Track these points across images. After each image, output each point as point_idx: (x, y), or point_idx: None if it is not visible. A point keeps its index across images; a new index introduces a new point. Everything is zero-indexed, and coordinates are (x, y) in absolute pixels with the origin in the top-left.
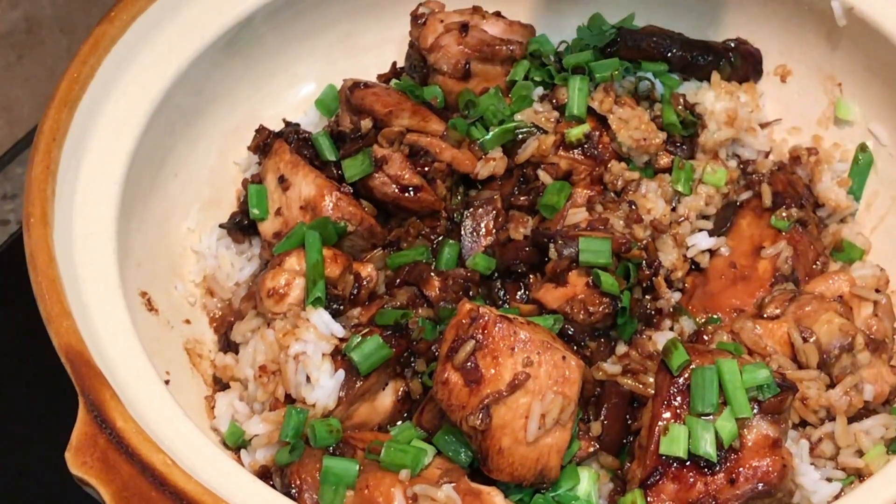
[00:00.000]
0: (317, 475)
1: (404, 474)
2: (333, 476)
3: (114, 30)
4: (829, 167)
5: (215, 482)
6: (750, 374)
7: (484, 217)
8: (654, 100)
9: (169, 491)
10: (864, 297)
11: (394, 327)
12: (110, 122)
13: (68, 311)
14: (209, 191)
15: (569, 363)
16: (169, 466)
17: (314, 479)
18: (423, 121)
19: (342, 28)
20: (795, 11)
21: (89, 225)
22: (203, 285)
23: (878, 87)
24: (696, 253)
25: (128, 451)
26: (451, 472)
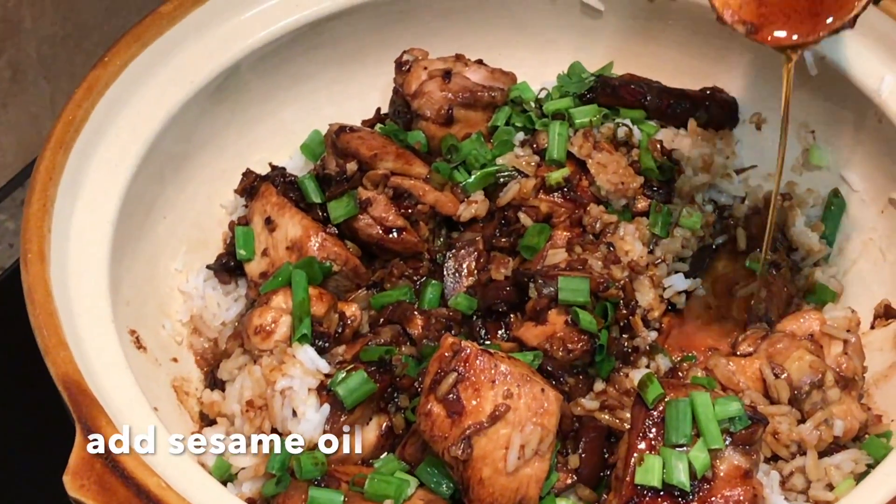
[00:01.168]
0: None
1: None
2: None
3: (107, 75)
4: (802, 212)
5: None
6: (722, 406)
7: (466, 258)
8: (632, 145)
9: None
10: (834, 336)
11: (378, 363)
12: (103, 163)
13: (65, 342)
14: (196, 233)
15: (548, 395)
16: (163, 489)
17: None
18: (407, 164)
19: (327, 75)
20: (769, 61)
21: (83, 262)
22: (190, 325)
23: (850, 134)
24: (672, 294)
25: (123, 475)
26: (433, 502)
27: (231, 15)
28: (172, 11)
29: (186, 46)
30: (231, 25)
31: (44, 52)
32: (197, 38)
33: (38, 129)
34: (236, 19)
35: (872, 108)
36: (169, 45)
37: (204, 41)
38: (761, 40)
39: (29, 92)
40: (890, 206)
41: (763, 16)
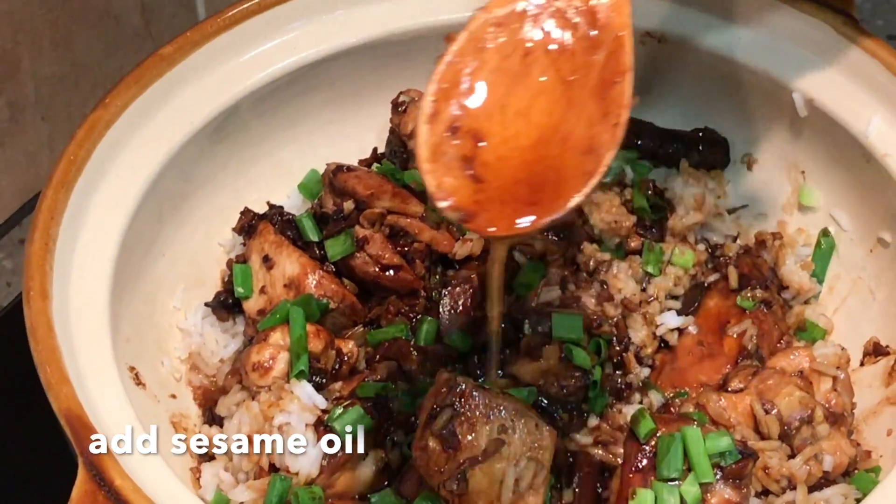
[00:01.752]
0: None
1: None
2: None
3: (108, 115)
4: (793, 251)
5: None
6: (713, 441)
7: (461, 296)
8: (625, 185)
9: None
10: (823, 373)
11: (374, 399)
12: (104, 203)
13: (67, 378)
14: (194, 271)
15: (542, 430)
16: None
17: None
18: (404, 203)
19: (324, 116)
20: (760, 103)
21: (84, 299)
22: (188, 361)
23: (839, 174)
24: (664, 331)
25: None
26: None
27: (229, 57)
28: (172, 53)
29: (186, 88)
30: (229, 67)
31: (42, 92)
32: (196, 79)
33: (35, 169)
34: (235, 61)
35: (860, 149)
36: (169, 86)
37: (203, 83)
38: (474, 229)
39: (27, 132)
40: (878, 245)
41: (479, 203)
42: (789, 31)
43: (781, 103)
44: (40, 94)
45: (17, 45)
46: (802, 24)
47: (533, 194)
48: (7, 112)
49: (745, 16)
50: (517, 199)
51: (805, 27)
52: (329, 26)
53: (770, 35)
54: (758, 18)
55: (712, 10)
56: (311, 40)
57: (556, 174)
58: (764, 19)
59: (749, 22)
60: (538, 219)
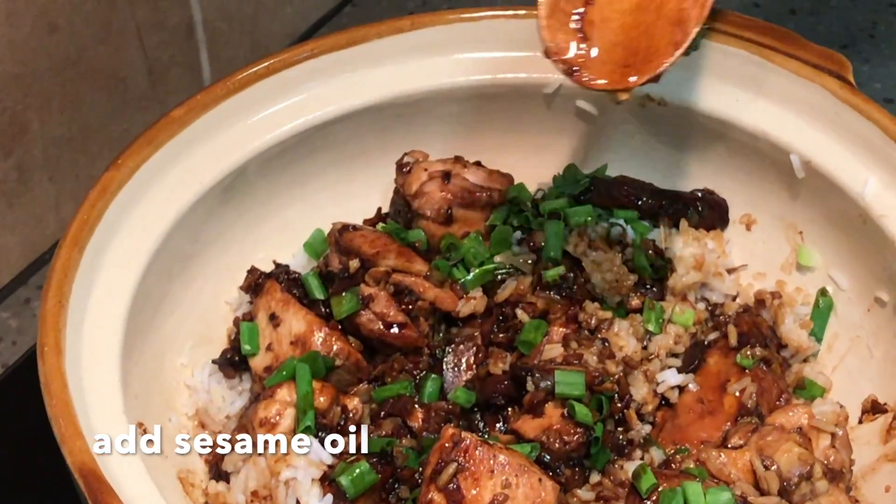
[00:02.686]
0: None
1: None
2: None
3: (120, 176)
4: (791, 310)
5: None
6: (713, 496)
7: (465, 353)
8: (625, 244)
9: None
10: (822, 430)
11: (379, 455)
12: (115, 261)
13: (80, 432)
14: (202, 328)
15: (545, 485)
16: None
17: None
18: (408, 262)
19: (330, 176)
20: (758, 164)
21: (96, 356)
22: (195, 418)
23: (836, 235)
24: (665, 389)
25: None
26: None
27: (238, 119)
28: (183, 116)
29: (196, 149)
30: (239, 129)
31: (50, 154)
32: (206, 140)
33: (41, 229)
34: (243, 123)
35: (857, 209)
36: (179, 147)
37: (212, 144)
38: (576, 82)
39: (34, 192)
40: (876, 304)
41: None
42: (787, 95)
43: (779, 165)
44: (48, 156)
45: (27, 108)
46: (800, 88)
47: (628, 57)
48: (15, 173)
49: (744, 79)
50: (614, 61)
51: (803, 90)
52: (335, 89)
53: (768, 98)
54: (756, 82)
55: (710, 74)
56: (318, 103)
57: (648, 41)
58: (762, 83)
59: (748, 85)
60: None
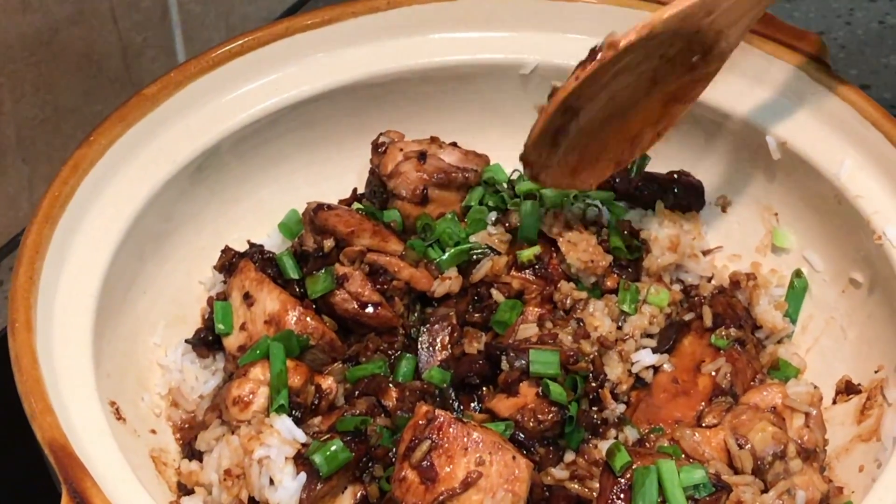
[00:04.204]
0: None
1: None
2: None
3: (92, 153)
4: (766, 292)
5: None
6: (687, 474)
7: (440, 333)
8: (601, 225)
9: None
10: (795, 409)
11: (353, 433)
12: (87, 239)
13: (51, 408)
14: (175, 308)
15: (518, 463)
16: None
17: None
18: (383, 241)
19: (305, 156)
20: (734, 146)
21: (67, 334)
22: (168, 397)
23: (811, 216)
24: (640, 369)
25: None
26: None
27: (212, 97)
28: (156, 93)
29: (169, 127)
30: (212, 108)
31: (23, 135)
32: (179, 119)
33: (15, 211)
34: (217, 102)
35: (832, 190)
36: (152, 125)
37: (185, 122)
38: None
39: (8, 174)
40: (850, 285)
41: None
42: (763, 76)
43: (755, 147)
44: (21, 137)
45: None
46: (777, 70)
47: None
48: None
49: None
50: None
51: (779, 72)
52: (310, 69)
53: (745, 79)
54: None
55: None
56: (293, 82)
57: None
58: (739, 64)
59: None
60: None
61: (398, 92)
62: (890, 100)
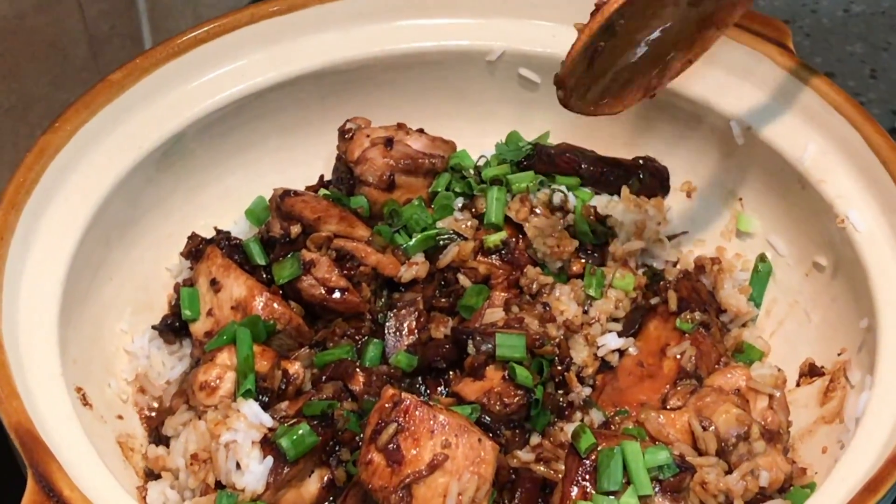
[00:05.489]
0: None
1: None
2: None
3: (57, 139)
4: (731, 276)
5: None
6: (651, 455)
7: (407, 318)
8: (567, 210)
9: None
10: (759, 391)
11: (320, 417)
12: (52, 225)
13: (17, 393)
14: (142, 295)
15: (484, 445)
16: None
17: None
18: (350, 227)
19: (272, 143)
20: (699, 132)
21: (34, 319)
22: (135, 383)
23: (775, 201)
24: (606, 352)
25: None
26: None
27: (178, 84)
28: (122, 79)
29: (134, 114)
30: (178, 94)
31: None
32: (145, 105)
33: None
34: (183, 88)
35: (796, 175)
36: (118, 112)
37: (152, 109)
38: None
39: None
40: (814, 269)
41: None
42: (727, 62)
43: (720, 132)
44: None
45: None
46: (741, 55)
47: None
48: None
49: None
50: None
51: (743, 58)
52: (276, 55)
53: (709, 65)
54: None
55: None
56: (259, 69)
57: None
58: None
59: None
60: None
61: (365, 79)
62: (854, 87)
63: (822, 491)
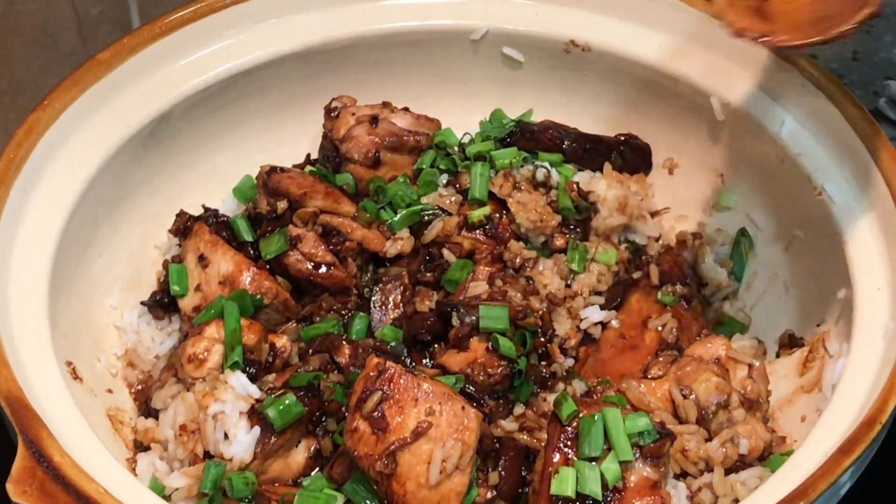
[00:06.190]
0: None
1: None
2: None
3: (46, 117)
4: (712, 250)
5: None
6: (632, 421)
7: (392, 292)
8: (550, 186)
9: None
10: (739, 361)
11: (306, 388)
12: (42, 201)
13: (7, 362)
14: (131, 272)
15: (468, 412)
16: (102, 495)
17: None
18: (336, 203)
19: (259, 122)
20: (680, 109)
21: (23, 293)
22: (124, 358)
23: (755, 176)
24: (588, 325)
25: (64, 482)
26: None
27: (165, 63)
28: (110, 58)
29: (122, 92)
30: (165, 73)
31: None
32: (132, 84)
33: None
34: (170, 67)
35: (775, 150)
36: (105, 90)
37: (139, 88)
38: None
39: None
40: (793, 242)
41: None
42: (708, 38)
43: (700, 109)
44: None
45: None
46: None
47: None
48: None
49: (665, 24)
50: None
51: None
52: (262, 35)
53: (689, 42)
54: (677, 26)
55: (634, 20)
56: (245, 48)
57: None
58: (682, 27)
59: (668, 30)
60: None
61: (350, 58)
62: (837, 69)
63: (799, 453)
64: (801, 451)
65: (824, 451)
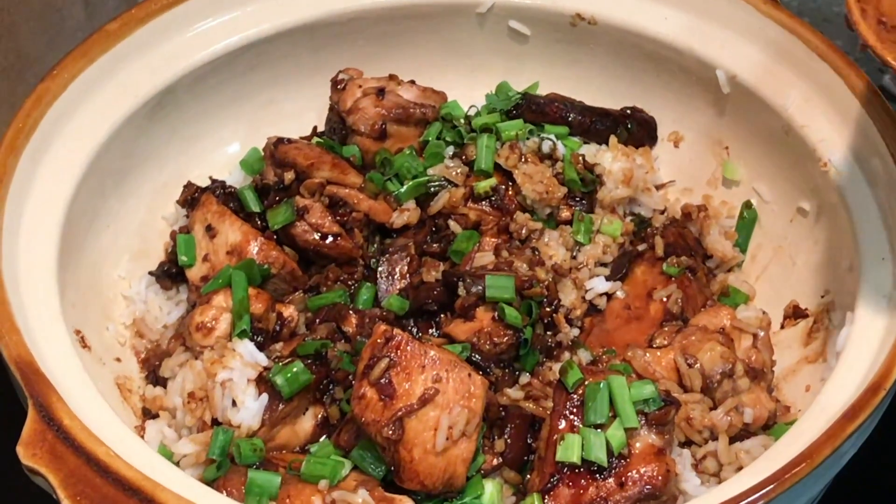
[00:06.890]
0: (242, 488)
1: (323, 484)
2: (257, 487)
3: (55, 87)
4: (717, 222)
5: (152, 473)
6: (637, 389)
7: (398, 262)
8: (556, 159)
9: (112, 478)
10: (744, 330)
11: (314, 356)
12: (50, 171)
13: (17, 328)
14: (139, 242)
15: (474, 380)
16: (111, 457)
17: (239, 492)
18: (343, 174)
19: (265, 96)
20: (686, 82)
21: (33, 261)
22: (132, 328)
23: (760, 149)
24: (593, 296)
25: (74, 444)
26: (366, 482)
27: (173, 34)
28: (118, 29)
29: (130, 63)
30: (173, 45)
31: None
32: (140, 55)
33: None
34: (178, 38)
35: (780, 122)
36: (114, 61)
37: (147, 59)
38: None
39: None
40: (798, 214)
41: None
42: (712, 11)
43: (706, 81)
44: None
45: None
46: (725, 4)
47: None
48: None
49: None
50: None
51: (728, 7)
52: (268, 7)
53: (695, 15)
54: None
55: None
56: (251, 21)
57: None
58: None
59: (674, 3)
60: None
61: (357, 31)
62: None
63: (803, 420)
64: (804, 418)
65: (828, 417)
